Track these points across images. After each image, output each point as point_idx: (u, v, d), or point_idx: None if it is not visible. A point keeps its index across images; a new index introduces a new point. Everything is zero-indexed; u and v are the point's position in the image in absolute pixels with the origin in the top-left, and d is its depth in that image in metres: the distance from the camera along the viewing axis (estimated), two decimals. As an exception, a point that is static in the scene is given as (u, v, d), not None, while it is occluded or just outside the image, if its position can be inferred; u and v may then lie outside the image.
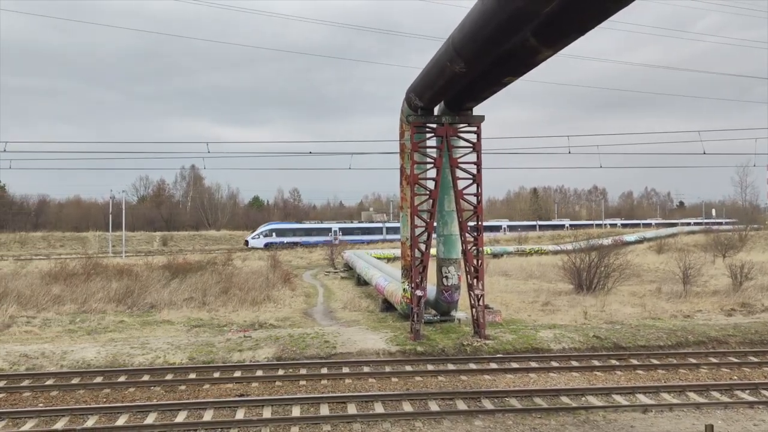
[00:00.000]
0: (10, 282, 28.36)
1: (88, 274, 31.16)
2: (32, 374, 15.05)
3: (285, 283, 31.44)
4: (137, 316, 23.76)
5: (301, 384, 14.20)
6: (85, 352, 17.12)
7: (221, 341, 18.20)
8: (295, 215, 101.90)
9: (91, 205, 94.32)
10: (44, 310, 24.34)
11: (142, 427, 11.16)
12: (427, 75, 16.60)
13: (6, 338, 20.00)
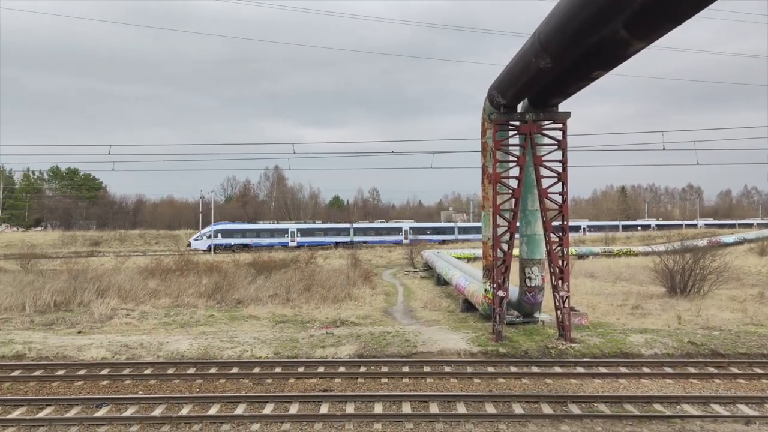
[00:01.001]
0: (112, 277, 30.24)
1: (181, 271, 32.80)
2: (132, 363, 15.98)
3: (365, 281, 31.79)
4: (225, 311, 24.75)
5: (383, 382, 14.30)
6: (179, 344, 18.00)
7: (304, 337, 18.64)
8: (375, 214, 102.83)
9: (183, 204, 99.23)
10: (142, 304, 25.79)
11: (232, 417, 11.60)
12: (510, 71, 16.29)
13: (108, 329, 21.37)
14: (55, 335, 20.06)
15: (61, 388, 13.97)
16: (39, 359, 16.68)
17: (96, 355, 17.07)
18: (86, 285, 27.58)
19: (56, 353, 17.22)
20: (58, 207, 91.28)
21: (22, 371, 15.19)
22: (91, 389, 13.79)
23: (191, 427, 11.27)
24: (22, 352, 17.37)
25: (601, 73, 14.48)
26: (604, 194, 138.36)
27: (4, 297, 25.28)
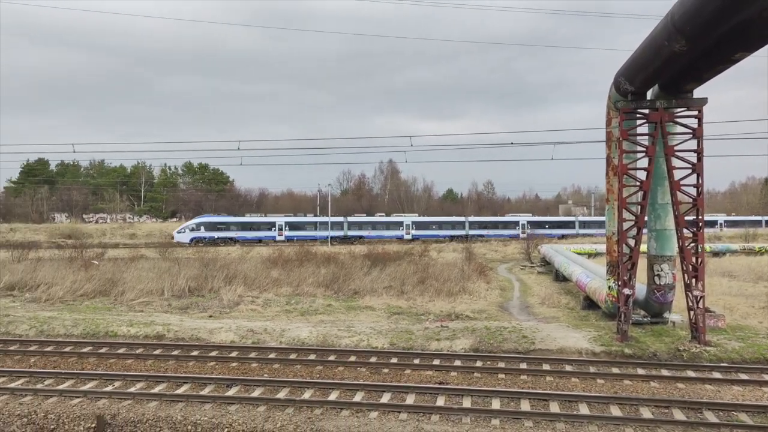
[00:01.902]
0: (239, 266, 32.09)
1: (300, 261, 34.17)
2: (258, 347, 16.86)
3: (480, 275, 31.40)
4: (342, 301, 25.45)
5: (500, 377, 14.04)
6: (300, 331, 18.75)
7: (419, 329, 18.74)
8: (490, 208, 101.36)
9: (302, 197, 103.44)
10: (265, 291, 27.15)
11: (351, 404, 11.90)
12: (639, 56, 15.32)
13: (236, 314, 22.70)
14: (189, 318, 21.62)
15: (196, 367, 15.02)
16: (176, 340, 18.05)
17: (225, 338, 18.19)
18: (216, 273, 29.49)
19: (191, 335, 18.55)
20: (190, 200, 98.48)
21: (162, 350, 16.51)
22: (222, 370, 14.71)
23: (313, 411, 11.69)
24: (162, 333, 18.88)
25: (744, 55, 13.25)
26: (744, 186, 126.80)
27: (147, 282, 27.60)
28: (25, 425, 11.02)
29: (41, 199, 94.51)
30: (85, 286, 27.70)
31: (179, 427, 10.88)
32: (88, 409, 11.52)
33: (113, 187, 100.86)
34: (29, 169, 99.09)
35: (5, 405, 11.73)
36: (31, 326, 19.67)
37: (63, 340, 17.73)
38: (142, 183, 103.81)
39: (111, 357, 15.87)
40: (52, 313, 22.33)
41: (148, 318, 21.22)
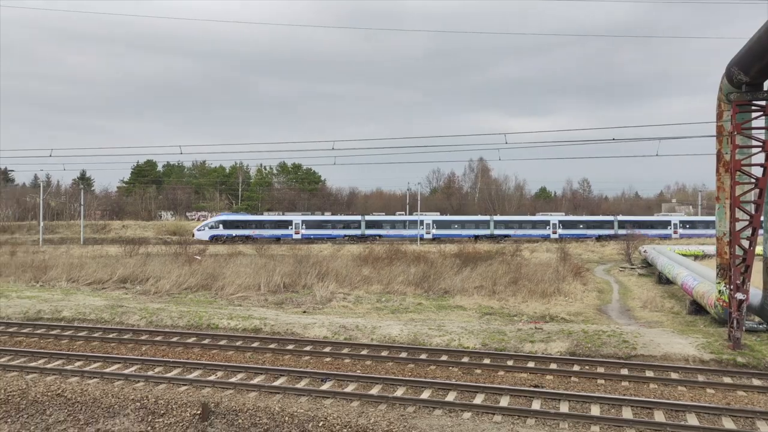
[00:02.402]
0: (330, 263, 32.79)
1: (390, 259, 34.42)
2: (350, 344, 17.12)
3: (576, 276, 30.35)
4: (433, 300, 25.39)
5: (599, 383, 13.48)
6: (390, 328, 18.85)
7: (512, 330, 18.35)
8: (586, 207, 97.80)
9: (391, 196, 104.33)
10: (356, 289, 27.57)
11: (443, 403, 11.82)
12: (756, 44, 14.23)
13: (328, 311, 23.19)
14: (284, 313, 22.31)
15: (292, 360, 15.47)
16: (273, 334, 18.66)
17: (319, 333, 18.61)
18: (308, 270, 30.28)
19: (286, 329, 19.12)
20: (284, 198, 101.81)
21: (260, 343, 17.13)
22: (316, 364, 15.05)
23: (405, 408, 11.71)
24: (259, 326, 19.59)
25: None
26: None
27: (244, 277, 28.77)
28: (138, 409, 11.76)
29: (149, 198, 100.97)
30: (189, 280, 29.27)
31: (277, 417, 11.22)
32: (194, 397, 12.13)
33: (213, 186, 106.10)
34: (139, 170, 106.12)
35: (121, 389, 12.58)
36: (141, 317, 21.01)
37: (170, 331, 18.79)
38: (239, 182, 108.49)
39: (213, 348, 16.64)
40: (159, 305, 23.74)
41: (246, 312, 22.09)
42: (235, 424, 11.22)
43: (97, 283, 30.83)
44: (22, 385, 12.75)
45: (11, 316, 21.62)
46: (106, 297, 26.51)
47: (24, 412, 11.98)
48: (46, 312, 22.01)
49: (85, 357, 15.33)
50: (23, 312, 22.07)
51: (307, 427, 10.99)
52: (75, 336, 18.10)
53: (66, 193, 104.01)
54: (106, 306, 22.72)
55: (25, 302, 24.07)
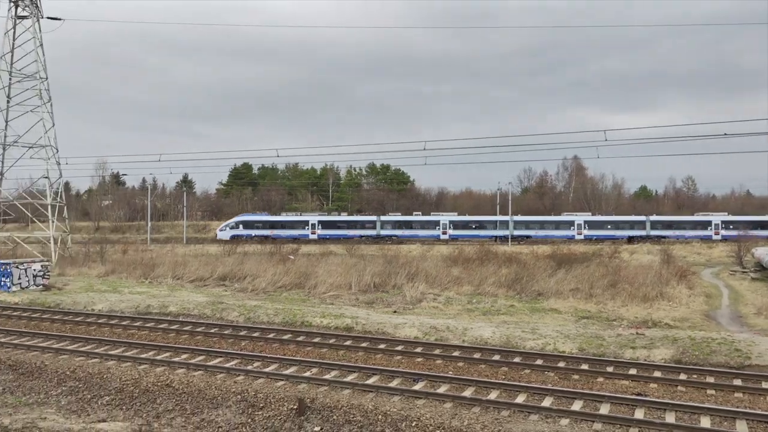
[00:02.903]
0: (420, 264, 32.80)
1: (481, 260, 33.97)
2: (441, 344, 17.03)
3: (680, 280, 28.63)
4: (525, 302, 24.79)
5: (709, 393, 12.63)
6: (482, 330, 18.59)
7: (611, 335, 17.59)
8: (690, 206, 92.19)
9: (481, 196, 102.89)
10: (446, 290, 27.40)
11: (540, 408, 11.48)
12: None
13: (419, 311, 23.20)
14: (375, 313, 22.54)
15: (383, 360, 15.58)
16: (364, 333, 18.90)
17: (409, 333, 18.65)
18: (398, 270, 30.43)
19: (377, 329, 19.31)
20: (373, 199, 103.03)
21: (352, 342, 17.38)
22: (408, 364, 15.07)
23: (500, 412, 11.48)
24: (351, 325, 19.90)
25: None
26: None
27: (336, 276, 29.35)
28: (239, 401, 12.25)
29: (246, 199, 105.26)
30: (283, 278, 30.24)
31: (370, 415, 11.33)
32: (291, 392, 12.47)
33: (305, 188, 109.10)
34: (236, 173, 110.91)
35: (223, 382, 13.16)
36: (240, 313, 21.91)
37: (266, 327, 19.47)
38: (330, 184, 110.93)
39: (308, 345, 17.06)
40: (256, 302, 24.67)
41: (338, 310, 22.51)
42: (330, 420, 11.43)
43: (199, 280, 32.48)
44: (134, 375, 13.62)
45: (124, 310, 23.19)
46: (208, 294, 27.87)
47: (137, 400, 12.79)
48: (154, 307, 23.45)
49: (190, 350, 16.16)
50: (134, 306, 23.62)
51: (401, 427, 11.01)
52: (180, 330, 19.13)
53: (170, 195, 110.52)
54: (207, 302, 23.89)
55: (136, 297, 25.77)
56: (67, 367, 14.39)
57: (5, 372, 14.59)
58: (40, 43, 42.40)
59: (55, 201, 43.93)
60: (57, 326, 19.98)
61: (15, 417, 11.93)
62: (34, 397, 13.40)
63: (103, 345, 16.95)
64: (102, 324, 20.21)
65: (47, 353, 15.93)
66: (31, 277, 28.95)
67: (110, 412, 12.49)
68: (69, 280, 31.99)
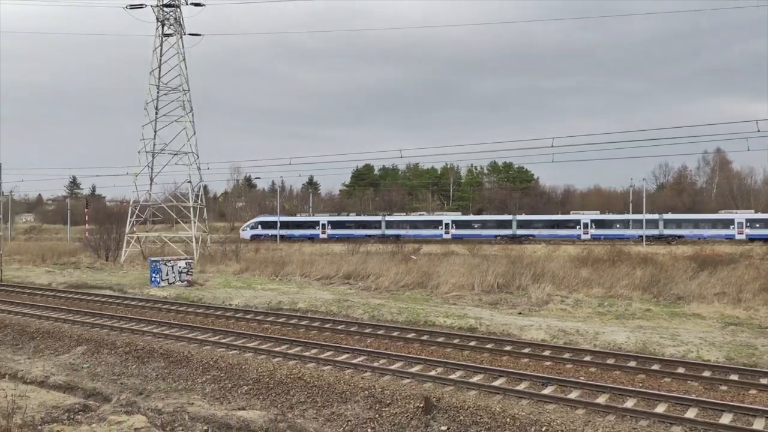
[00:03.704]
0: (546, 264, 31.78)
1: (612, 261, 32.28)
2: (570, 348, 16.36)
3: None
4: (663, 306, 23.20)
5: None
6: (615, 335, 17.65)
7: (764, 344, 16.05)
8: None
9: (611, 193, 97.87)
10: (575, 291, 26.28)
11: (683, 420, 10.68)
12: None
13: (545, 313, 22.46)
14: (499, 314, 22.13)
15: (510, 362, 15.23)
16: (488, 334, 18.61)
17: (536, 336, 18.12)
18: (523, 270, 29.65)
19: (502, 330, 18.95)
20: (495, 198, 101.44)
21: (476, 342, 17.17)
22: (535, 367, 14.62)
23: (637, 421, 10.81)
24: (475, 326, 19.69)
25: None
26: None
27: (458, 277, 29.17)
28: (366, 397, 12.51)
29: (368, 199, 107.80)
30: (405, 278, 30.53)
31: (498, 418, 11.11)
32: (416, 390, 12.55)
33: (425, 187, 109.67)
34: (358, 174, 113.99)
35: (351, 377, 13.51)
36: (364, 311, 22.42)
37: (390, 326, 19.75)
38: (450, 183, 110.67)
39: (432, 344, 17.08)
40: (380, 300, 25.12)
41: (461, 311, 22.36)
42: (456, 420, 11.35)
43: (325, 278, 33.64)
44: (269, 367, 14.36)
45: (258, 305, 24.56)
46: (333, 291, 28.81)
47: (272, 391, 13.47)
48: (285, 303, 24.61)
49: (319, 345, 16.78)
50: (267, 302, 24.94)
51: (530, 431, 10.70)
52: (309, 326, 19.92)
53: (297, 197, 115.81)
54: (333, 300, 24.69)
55: (268, 294, 27.20)
56: (210, 357, 15.46)
57: (158, 360, 15.96)
58: (183, 58, 46.05)
59: (197, 203, 47.46)
60: (200, 319, 21.55)
61: (167, 401, 13.00)
62: (183, 383, 14.54)
63: (240, 338, 18.04)
64: (239, 318, 21.51)
65: (193, 344, 17.23)
66: (177, 274, 31.47)
67: (249, 400, 13.25)
68: (209, 277, 34.43)
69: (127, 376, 15.38)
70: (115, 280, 33.58)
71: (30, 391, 13.69)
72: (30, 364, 16.67)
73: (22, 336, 19.38)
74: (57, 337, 18.71)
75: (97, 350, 17.30)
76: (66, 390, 14.33)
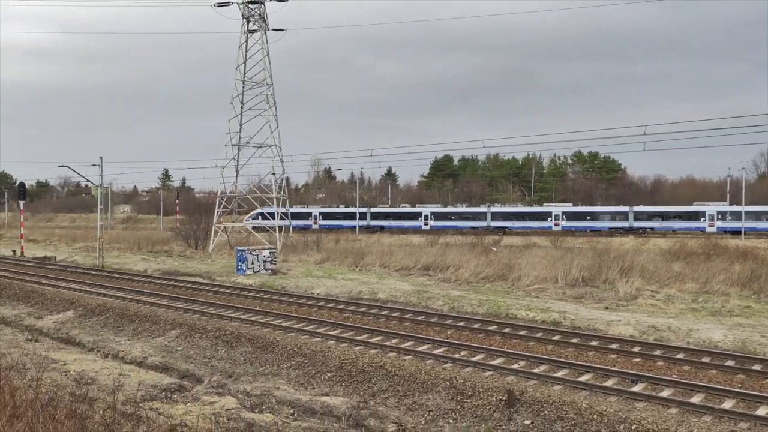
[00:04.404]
0: (634, 258, 30.48)
1: (707, 255, 30.56)
2: (662, 345, 15.66)
3: None
4: (765, 303, 21.77)
5: None
6: (711, 332, 16.77)
7: None
8: None
9: (706, 183, 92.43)
10: (666, 286, 25.06)
11: (789, 426, 9.98)
12: None
13: (634, 308, 21.58)
14: (584, 308, 21.47)
15: (596, 358, 14.74)
16: (573, 328, 18.11)
17: (624, 331, 17.46)
18: (610, 264, 28.57)
19: (587, 325, 18.38)
20: (579, 189, 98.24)
21: (561, 337, 16.73)
22: (624, 364, 14.09)
23: (737, 423, 10.22)
24: (558, 320, 19.21)
25: None
26: None
27: (540, 269, 28.50)
28: (448, 388, 12.48)
29: (447, 190, 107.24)
30: (486, 270, 30.14)
31: (585, 414, 10.79)
32: (499, 383, 12.39)
33: (506, 178, 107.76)
34: (437, 165, 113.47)
35: (432, 368, 13.52)
36: (444, 302, 22.35)
37: (471, 318, 19.60)
38: (532, 174, 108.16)
39: (514, 337, 16.81)
40: (459, 292, 24.96)
41: (543, 304, 21.86)
42: (540, 414, 11.12)
43: (404, 269, 33.76)
44: (351, 356, 14.60)
45: (339, 295, 25.01)
46: (413, 282, 28.88)
47: (354, 379, 13.69)
48: (365, 293, 24.93)
49: (399, 335, 16.88)
50: (347, 292, 25.35)
51: (618, 429, 10.33)
52: (390, 316, 20.08)
53: (376, 188, 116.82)
54: (413, 291, 24.76)
55: (348, 284, 27.64)
56: (295, 344, 15.90)
57: (246, 345, 16.59)
58: (267, 53, 47.36)
59: (279, 194, 48.85)
60: (284, 307, 22.20)
61: (254, 384, 13.50)
62: (269, 368, 15.04)
63: (323, 326, 18.44)
64: (321, 307, 21.99)
65: (278, 330, 17.78)
66: (261, 263, 32.53)
67: (332, 387, 13.54)
68: (291, 266, 35.39)
69: (217, 359, 16.08)
70: (204, 268, 35.14)
71: (130, 371, 14.61)
72: (130, 345, 17.77)
73: (123, 319, 20.66)
74: (153, 321, 19.82)
75: (189, 334, 18.19)
76: (162, 370, 15.17)
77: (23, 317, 22.35)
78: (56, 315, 22.25)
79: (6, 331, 20.28)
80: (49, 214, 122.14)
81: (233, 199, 49.31)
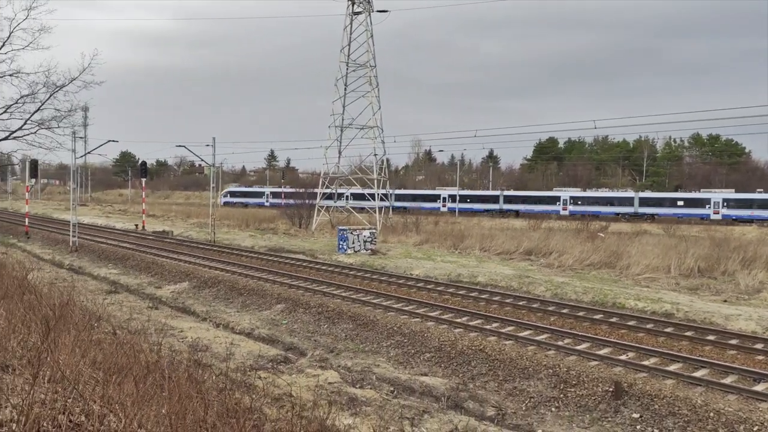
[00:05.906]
0: (758, 248, 28.21)
1: None
2: (791, 344, 14.39)
3: None
4: None
5: None
6: None
7: None
8: None
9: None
10: (796, 280, 22.99)
11: None
12: None
13: (756, 303, 19.99)
14: (699, 300, 20.16)
15: (713, 353, 13.81)
16: (687, 321, 17.05)
17: (745, 327, 16.25)
18: (729, 254, 26.65)
19: (703, 318, 17.25)
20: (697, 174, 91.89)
21: (673, 329, 15.81)
22: (744, 361, 13.10)
23: None
24: (671, 311, 18.15)
25: None
26: None
27: (651, 258, 27.03)
28: (550, 375, 12.18)
29: (551, 174, 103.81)
30: (592, 256, 29.00)
31: (699, 411, 10.16)
32: (605, 373, 11.92)
33: (615, 162, 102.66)
34: (541, 148, 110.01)
35: (534, 354, 13.24)
36: (546, 288, 21.75)
37: (575, 305, 18.93)
38: (644, 157, 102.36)
39: (622, 327, 16.07)
40: (563, 278, 24.18)
41: (654, 294, 20.74)
42: (650, 409, 10.59)
43: (505, 253, 33.18)
44: (451, 338, 14.58)
45: (438, 277, 25.00)
46: (514, 267, 28.32)
47: (453, 361, 13.68)
48: (464, 276, 24.75)
49: (500, 320, 16.63)
50: (446, 274, 25.28)
51: (738, 429, 9.64)
52: (490, 300, 19.81)
53: (476, 171, 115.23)
54: (514, 275, 24.28)
55: (447, 266, 27.54)
56: (394, 323, 16.10)
57: (347, 321, 17.00)
58: (371, 35, 47.70)
59: (380, 176, 49.37)
60: (383, 286, 22.49)
61: (355, 360, 13.83)
62: (369, 345, 15.34)
63: (422, 307, 18.51)
64: (420, 288, 22.07)
65: (378, 309, 18.06)
66: (362, 242, 33.11)
67: (431, 367, 13.60)
68: (390, 247, 35.76)
69: (319, 334, 16.61)
70: (308, 246, 36.30)
71: (240, 341, 15.41)
72: (239, 316, 18.74)
73: (232, 291, 21.81)
74: (260, 295, 20.77)
75: (293, 309, 18.90)
76: (268, 342, 15.89)
77: (144, 286, 24.15)
78: (173, 285, 23.87)
79: (131, 298, 21.99)
80: (167, 191, 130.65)
81: (335, 179, 50.40)
